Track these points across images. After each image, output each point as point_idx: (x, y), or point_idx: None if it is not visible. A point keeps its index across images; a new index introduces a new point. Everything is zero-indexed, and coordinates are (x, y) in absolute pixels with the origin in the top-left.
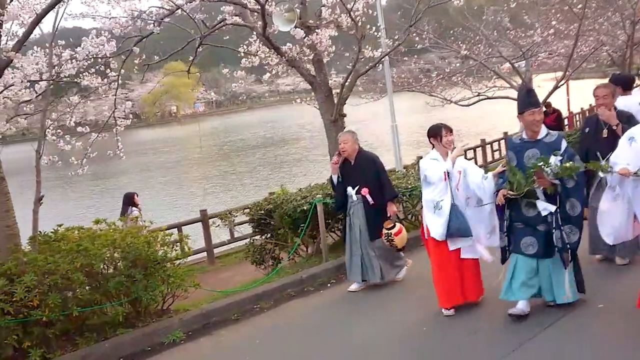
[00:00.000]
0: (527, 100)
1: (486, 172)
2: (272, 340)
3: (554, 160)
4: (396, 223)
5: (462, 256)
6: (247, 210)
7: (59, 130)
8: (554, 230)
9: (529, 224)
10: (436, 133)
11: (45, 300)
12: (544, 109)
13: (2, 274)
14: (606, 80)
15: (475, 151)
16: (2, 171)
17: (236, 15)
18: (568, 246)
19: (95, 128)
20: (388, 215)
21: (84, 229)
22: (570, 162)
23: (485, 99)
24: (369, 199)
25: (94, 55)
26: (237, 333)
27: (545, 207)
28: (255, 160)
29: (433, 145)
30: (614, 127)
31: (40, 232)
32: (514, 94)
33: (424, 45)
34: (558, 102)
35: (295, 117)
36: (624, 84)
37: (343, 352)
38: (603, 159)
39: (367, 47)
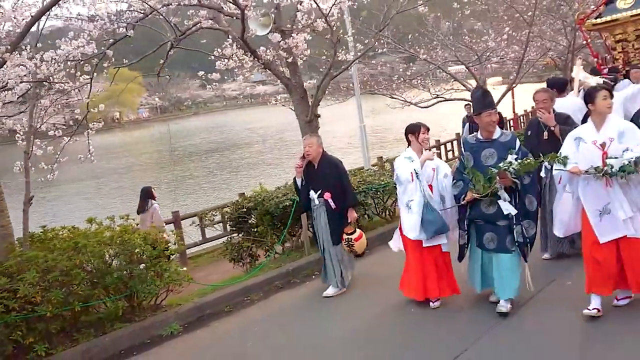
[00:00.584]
0: (483, 101)
1: None
2: (264, 329)
3: (510, 158)
4: (356, 229)
5: (443, 250)
6: (219, 210)
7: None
8: (514, 226)
9: (489, 220)
10: (414, 130)
11: (48, 296)
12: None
13: (3, 272)
14: (544, 84)
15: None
16: None
17: (210, 19)
18: (528, 240)
19: (68, 131)
20: (349, 221)
21: (75, 229)
22: (528, 159)
23: (442, 100)
24: (331, 203)
25: (73, 58)
26: (231, 324)
27: (507, 209)
28: (211, 164)
29: (409, 142)
30: (552, 129)
31: (30, 232)
32: (469, 95)
33: (383, 50)
34: (502, 105)
35: (244, 121)
36: (559, 87)
37: (331, 336)
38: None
39: (340, 50)
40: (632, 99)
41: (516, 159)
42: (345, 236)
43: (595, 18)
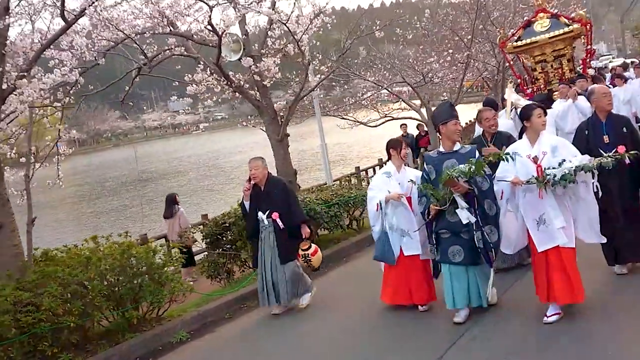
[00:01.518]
0: (450, 111)
1: None
2: (264, 332)
3: (461, 166)
4: (311, 244)
5: (421, 258)
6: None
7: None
8: (475, 232)
9: (454, 230)
10: (396, 145)
11: (69, 307)
12: (417, 130)
13: (24, 287)
14: (471, 105)
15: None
16: (6, 194)
17: (180, 47)
18: (491, 245)
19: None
20: (303, 237)
21: (82, 247)
22: (474, 161)
23: (391, 119)
24: (280, 223)
25: (59, 84)
26: (234, 329)
27: (467, 217)
28: (149, 193)
29: (390, 157)
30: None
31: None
32: (415, 114)
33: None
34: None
35: (171, 150)
36: (493, 107)
37: (325, 335)
38: None
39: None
40: (562, 116)
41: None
42: (301, 252)
43: (516, 41)
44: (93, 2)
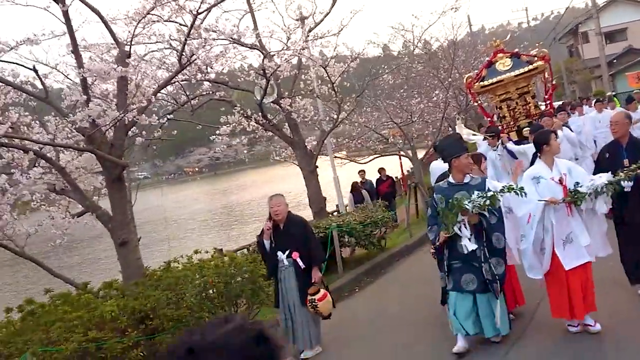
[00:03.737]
0: (462, 145)
1: None
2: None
3: (474, 197)
4: (320, 289)
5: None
6: None
7: None
8: (482, 264)
9: (467, 260)
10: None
11: (202, 306)
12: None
13: (165, 288)
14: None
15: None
16: (131, 213)
17: (216, 92)
18: (497, 277)
19: None
20: (313, 280)
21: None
22: (491, 193)
23: (380, 156)
24: (300, 263)
25: None
26: None
27: (466, 244)
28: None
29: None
30: None
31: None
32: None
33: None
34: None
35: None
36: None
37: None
38: None
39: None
40: None
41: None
42: (309, 297)
43: (482, 80)
44: (203, 46)
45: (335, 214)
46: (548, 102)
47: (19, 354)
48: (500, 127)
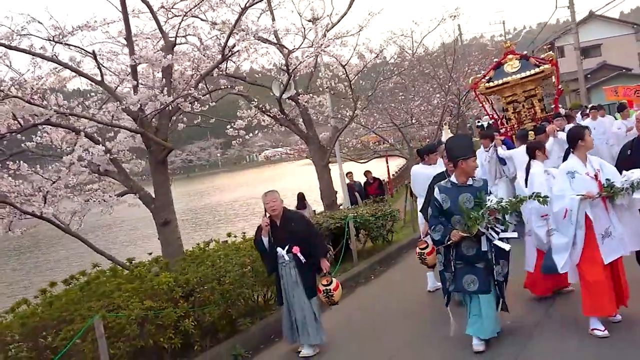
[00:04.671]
0: (472, 147)
1: None
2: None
3: (493, 198)
4: (332, 279)
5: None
6: None
7: None
8: (495, 266)
9: (469, 261)
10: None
11: (241, 283)
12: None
13: (208, 265)
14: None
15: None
16: (171, 195)
17: (231, 87)
18: (504, 278)
19: None
20: (324, 271)
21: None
22: (518, 197)
23: (378, 157)
24: (301, 257)
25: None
26: None
27: (502, 246)
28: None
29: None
30: None
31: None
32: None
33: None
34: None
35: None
36: (432, 150)
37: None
38: None
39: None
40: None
41: (497, 202)
42: (322, 287)
43: (488, 82)
44: (243, 40)
45: (341, 207)
46: (553, 106)
47: (81, 319)
48: (505, 129)
